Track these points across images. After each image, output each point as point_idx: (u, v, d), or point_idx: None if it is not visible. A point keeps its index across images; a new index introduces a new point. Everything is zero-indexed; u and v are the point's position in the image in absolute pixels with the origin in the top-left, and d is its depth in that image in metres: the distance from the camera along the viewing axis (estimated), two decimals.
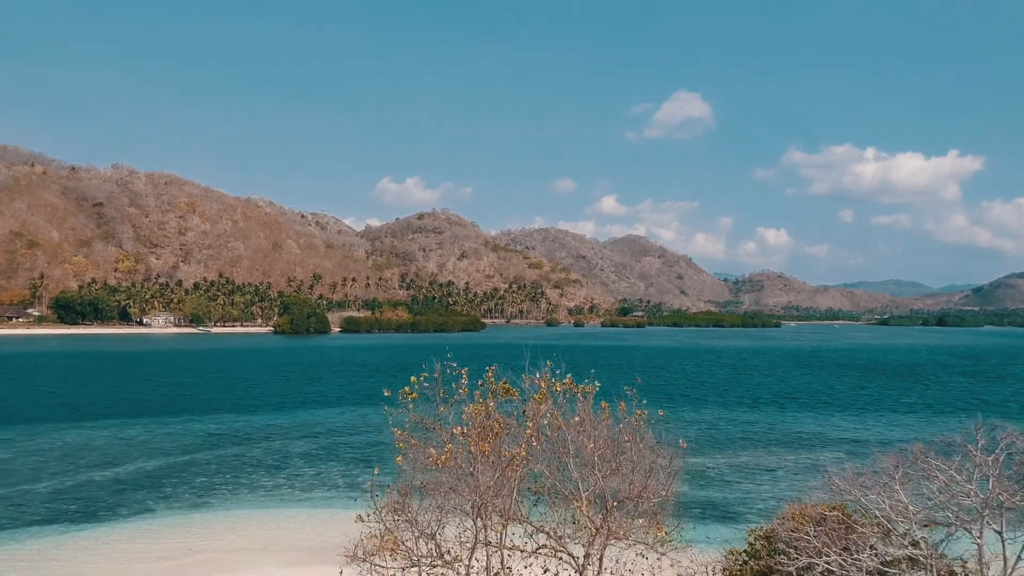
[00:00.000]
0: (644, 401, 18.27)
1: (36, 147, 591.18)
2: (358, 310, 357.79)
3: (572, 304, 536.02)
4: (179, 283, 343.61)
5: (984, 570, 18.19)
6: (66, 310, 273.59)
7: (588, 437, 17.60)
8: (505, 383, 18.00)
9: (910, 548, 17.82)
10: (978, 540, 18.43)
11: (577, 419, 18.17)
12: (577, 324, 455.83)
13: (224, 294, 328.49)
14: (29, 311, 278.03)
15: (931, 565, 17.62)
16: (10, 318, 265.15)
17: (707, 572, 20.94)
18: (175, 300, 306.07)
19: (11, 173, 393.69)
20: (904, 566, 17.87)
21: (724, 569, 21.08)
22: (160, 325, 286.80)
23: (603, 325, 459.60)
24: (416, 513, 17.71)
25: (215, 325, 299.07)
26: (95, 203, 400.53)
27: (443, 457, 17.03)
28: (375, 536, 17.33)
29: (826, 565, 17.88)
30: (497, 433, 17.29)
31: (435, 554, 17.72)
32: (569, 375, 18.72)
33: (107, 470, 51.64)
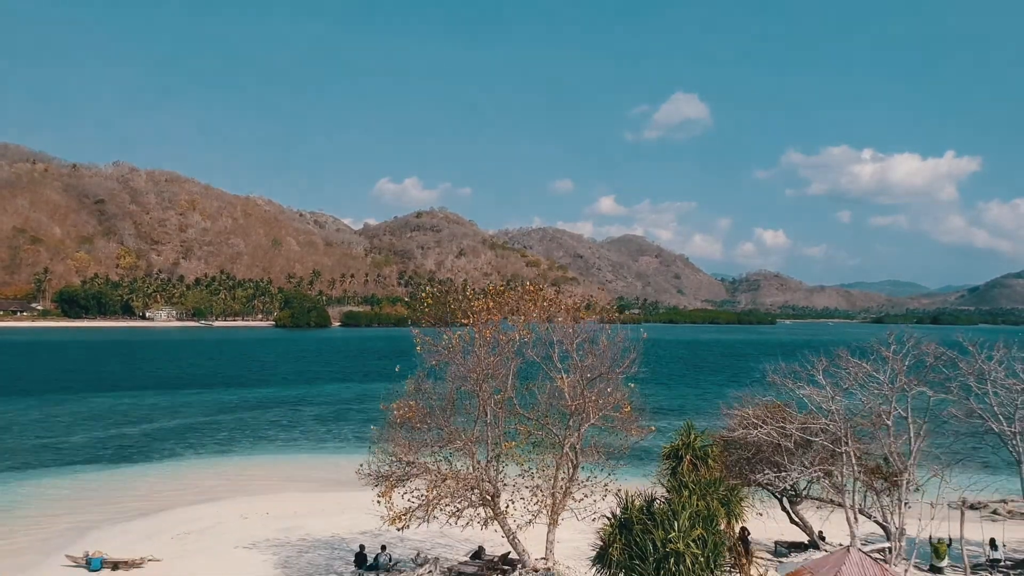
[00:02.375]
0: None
1: (36, 146, 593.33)
2: (357, 305, 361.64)
3: (569, 302, 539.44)
4: (180, 278, 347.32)
5: (892, 444, 22.54)
6: (70, 304, 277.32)
7: (569, 328, 21.93)
8: (503, 286, 22.34)
9: (825, 421, 22.14)
10: (887, 421, 22.83)
11: (560, 319, 22.50)
12: None
13: (225, 289, 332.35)
14: (33, 305, 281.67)
15: (844, 434, 21.93)
16: (15, 312, 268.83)
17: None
18: (177, 295, 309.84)
19: (13, 171, 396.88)
20: (820, 434, 22.18)
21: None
22: (163, 319, 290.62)
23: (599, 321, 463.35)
24: (431, 390, 21.87)
25: (216, 319, 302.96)
26: (96, 200, 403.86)
27: (454, 341, 21.32)
28: (402, 409, 21.46)
29: (760, 435, 22.20)
30: (496, 323, 21.59)
31: (444, 429, 21.91)
32: (554, 288, 23.06)
33: (134, 427, 55.83)
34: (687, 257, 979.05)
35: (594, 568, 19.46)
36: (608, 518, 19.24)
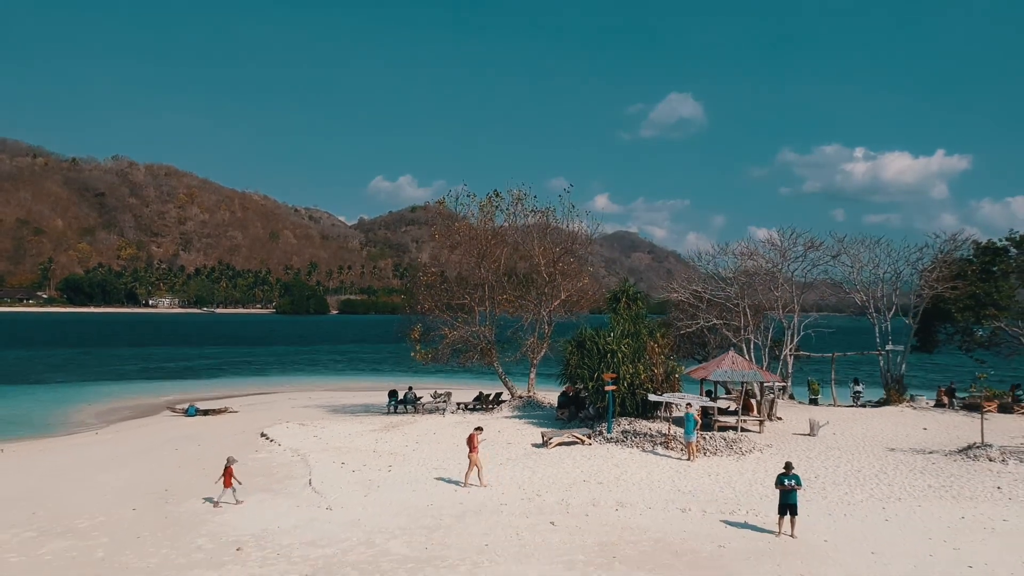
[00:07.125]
0: None
1: (34, 140, 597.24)
2: (354, 295, 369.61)
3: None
4: (181, 268, 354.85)
5: (782, 313, 31.10)
6: (75, 292, 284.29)
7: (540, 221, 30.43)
8: (498, 193, 30.93)
9: (725, 286, 30.78)
10: (775, 292, 31.40)
11: (537, 218, 30.97)
12: None
13: (227, 278, 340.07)
14: (39, 293, 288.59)
15: (740, 296, 30.52)
16: (21, 300, 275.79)
17: None
18: (179, 283, 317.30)
19: (14, 164, 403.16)
20: (724, 297, 30.81)
21: None
22: (166, 306, 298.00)
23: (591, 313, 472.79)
24: (445, 266, 30.42)
25: (218, 307, 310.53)
26: (97, 193, 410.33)
27: (464, 229, 29.82)
28: (426, 276, 30.04)
29: (680, 297, 30.86)
30: (492, 216, 30.17)
31: (455, 291, 30.48)
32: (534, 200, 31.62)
33: (176, 363, 64.10)
34: (679, 253, 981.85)
35: (560, 379, 28.09)
36: (568, 342, 27.88)
